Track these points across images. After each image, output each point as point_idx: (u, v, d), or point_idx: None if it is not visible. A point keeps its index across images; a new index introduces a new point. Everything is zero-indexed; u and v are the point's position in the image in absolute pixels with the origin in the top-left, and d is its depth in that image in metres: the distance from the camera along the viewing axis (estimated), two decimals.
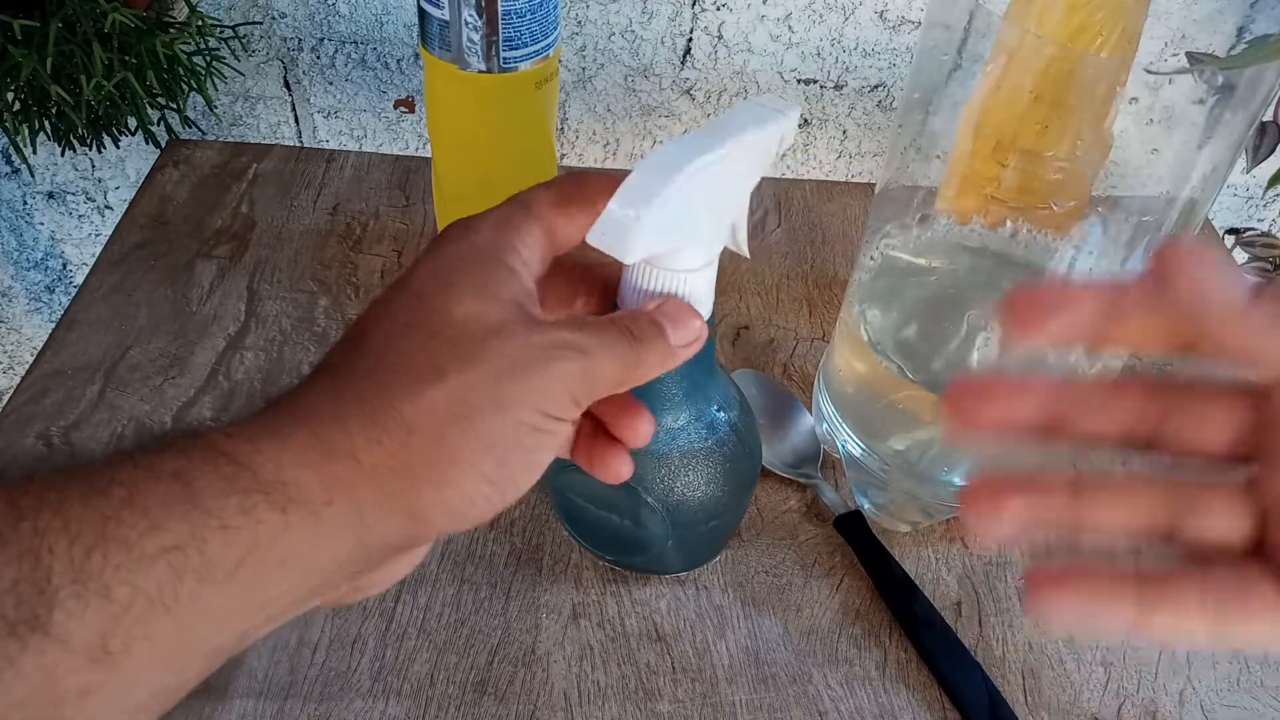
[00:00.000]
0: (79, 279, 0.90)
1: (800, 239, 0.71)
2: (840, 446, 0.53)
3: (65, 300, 0.91)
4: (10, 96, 0.62)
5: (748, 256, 0.34)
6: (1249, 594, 0.23)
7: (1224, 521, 0.24)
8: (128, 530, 0.22)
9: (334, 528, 0.25)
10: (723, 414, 0.43)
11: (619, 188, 0.29)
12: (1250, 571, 0.23)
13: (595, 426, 0.33)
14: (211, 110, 0.75)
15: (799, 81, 0.75)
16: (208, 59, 0.67)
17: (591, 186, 0.30)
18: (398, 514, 0.26)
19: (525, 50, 0.50)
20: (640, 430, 0.32)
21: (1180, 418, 0.25)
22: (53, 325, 0.60)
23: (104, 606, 0.22)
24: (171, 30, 0.64)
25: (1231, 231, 0.84)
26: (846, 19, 0.71)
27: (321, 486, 0.25)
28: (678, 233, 0.30)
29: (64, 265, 0.89)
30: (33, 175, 0.81)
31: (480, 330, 0.27)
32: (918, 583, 0.50)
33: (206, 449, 0.24)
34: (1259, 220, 0.86)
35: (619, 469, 0.32)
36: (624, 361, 0.29)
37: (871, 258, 0.50)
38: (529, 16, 0.49)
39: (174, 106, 0.69)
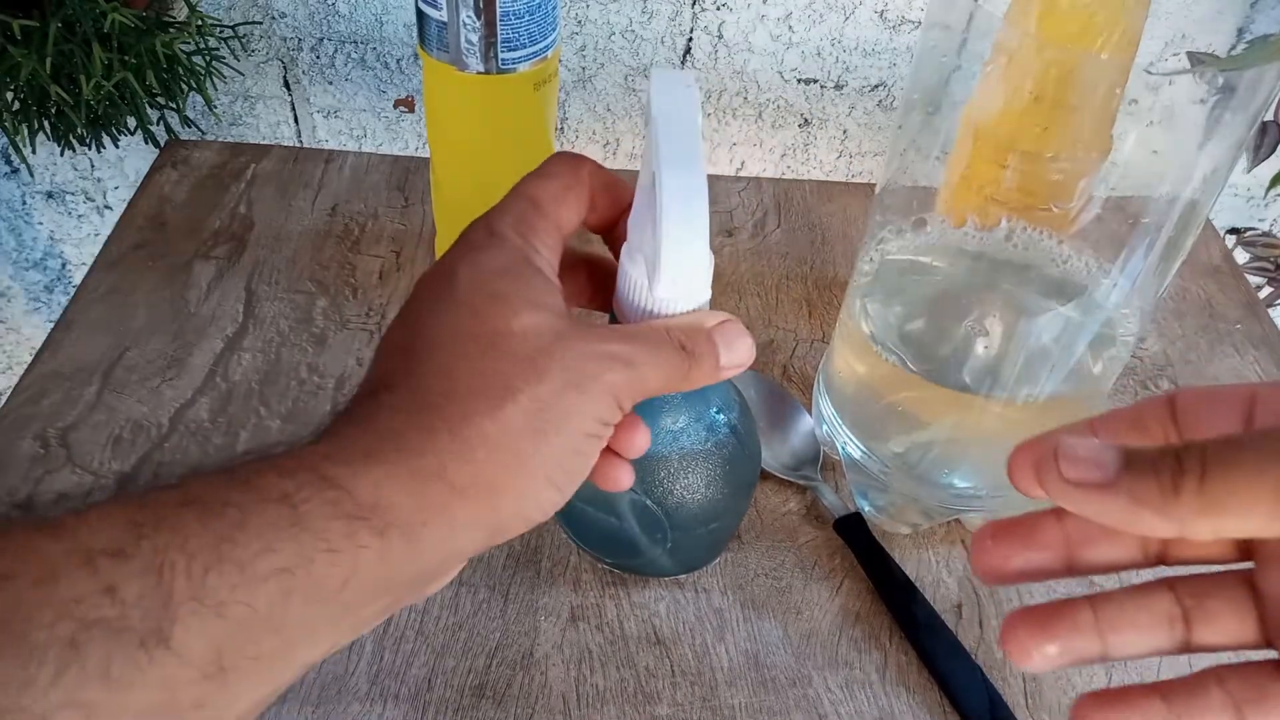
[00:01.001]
0: (78, 279, 0.90)
1: (800, 239, 0.70)
2: (840, 448, 0.53)
3: (64, 300, 0.91)
4: (10, 96, 0.62)
5: None
6: (1265, 697, 0.25)
7: (1232, 626, 0.26)
8: (241, 551, 0.23)
9: (427, 547, 0.26)
10: (722, 416, 0.43)
11: (663, 246, 0.30)
12: (1261, 675, 0.25)
13: None
14: (211, 110, 0.75)
15: (799, 81, 0.74)
16: (207, 59, 0.67)
17: (586, 174, 0.32)
18: (481, 529, 0.27)
19: (523, 51, 0.50)
20: (636, 443, 0.32)
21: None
22: (51, 325, 0.60)
23: (220, 625, 0.22)
24: (171, 30, 0.64)
25: (1232, 231, 0.84)
26: (847, 19, 0.71)
27: (417, 509, 0.26)
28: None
29: (63, 265, 0.89)
30: (32, 175, 0.81)
31: (539, 343, 0.28)
32: (918, 585, 0.50)
33: (308, 472, 0.25)
34: (1260, 220, 0.85)
35: (619, 477, 0.33)
36: (671, 373, 0.30)
37: (871, 259, 0.50)
38: (527, 18, 0.49)
39: (173, 106, 0.69)
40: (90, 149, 0.70)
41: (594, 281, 0.35)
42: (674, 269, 0.30)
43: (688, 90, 0.31)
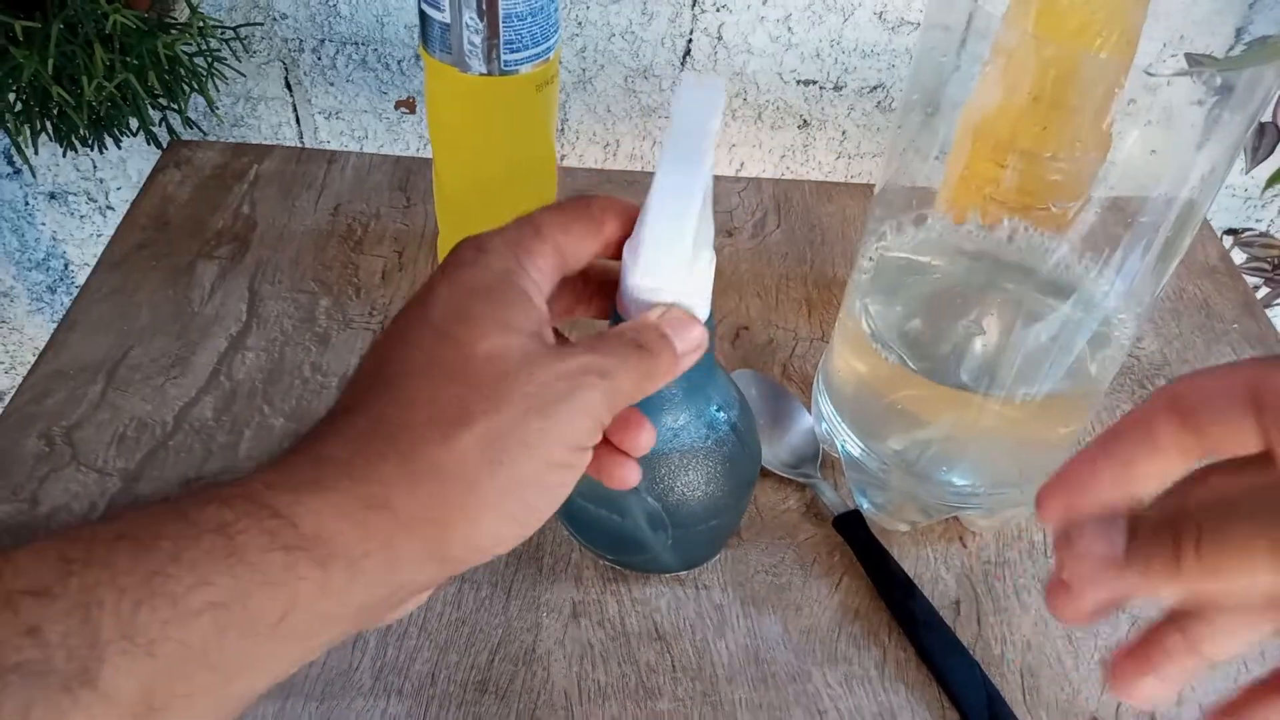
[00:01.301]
0: (81, 279, 0.90)
1: (799, 239, 0.71)
2: (839, 446, 0.53)
3: (67, 300, 0.92)
4: (12, 97, 0.62)
5: None
6: None
7: None
8: (174, 585, 0.22)
9: (370, 578, 0.25)
10: (722, 414, 0.43)
11: (646, 238, 0.30)
12: None
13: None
14: (213, 111, 0.75)
15: (798, 82, 0.75)
16: (209, 60, 0.67)
17: (596, 207, 0.32)
18: (430, 560, 0.27)
19: (526, 53, 0.50)
20: (641, 441, 0.32)
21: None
22: (55, 325, 0.60)
23: (150, 663, 0.22)
24: (173, 31, 0.64)
25: (1230, 232, 0.85)
26: (846, 20, 0.71)
27: (360, 539, 0.25)
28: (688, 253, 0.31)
29: (66, 265, 0.89)
30: (34, 176, 0.81)
31: (504, 368, 0.27)
32: (916, 582, 0.50)
33: (249, 501, 0.24)
34: (1257, 220, 0.86)
35: (626, 476, 0.33)
36: (639, 375, 0.30)
37: (870, 258, 0.50)
38: (529, 19, 0.49)
39: (175, 107, 0.69)
40: (92, 150, 0.70)
41: (590, 288, 0.35)
42: (652, 259, 0.30)
43: (713, 94, 0.31)
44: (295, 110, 0.77)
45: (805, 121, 0.77)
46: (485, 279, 0.29)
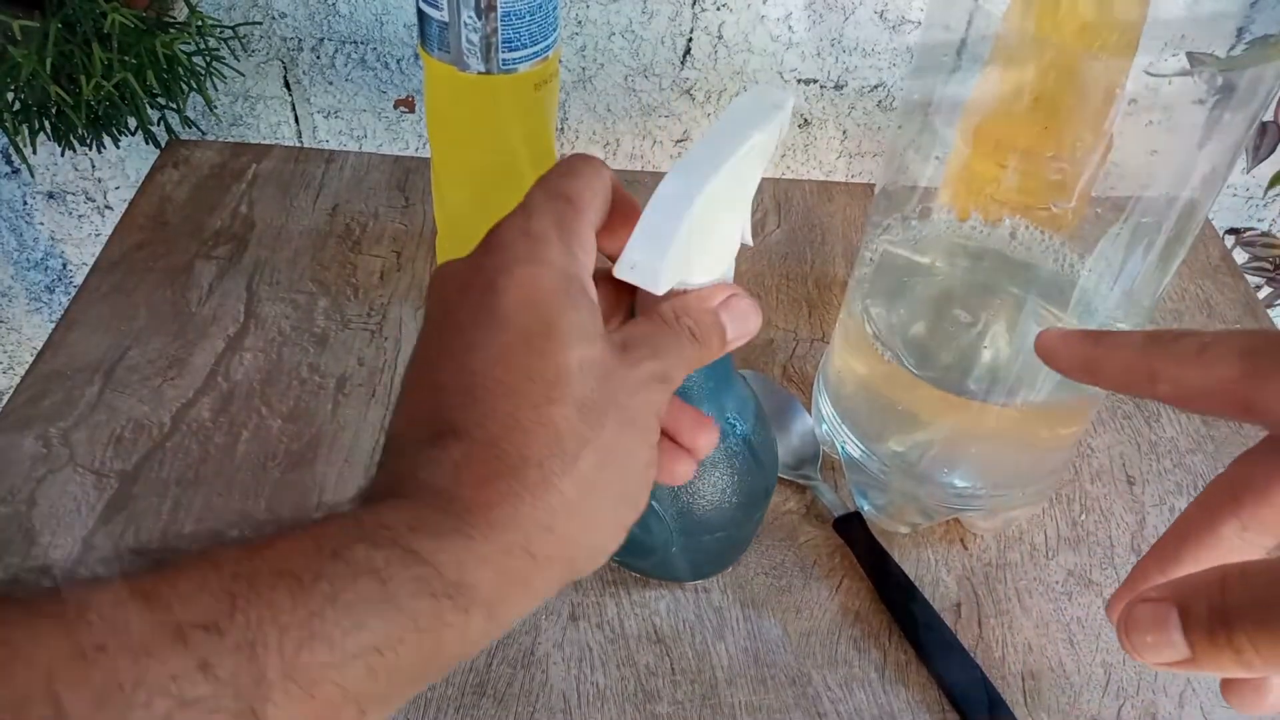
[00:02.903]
0: (79, 279, 0.90)
1: (800, 239, 0.71)
2: (840, 448, 0.53)
3: (65, 300, 0.91)
4: (10, 96, 0.62)
5: (750, 244, 0.35)
6: None
7: None
8: (332, 628, 0.22)
9: (505, 619, 0.27)
10: (736, 425, 0.42)
11: (636, 229, 0.29)
12: None
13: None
14: (211, 110, 0.75)
15: (799, 81, 0.75)
16: (207, 59, 0.67)
17: (608, 175, 0.31)
18: (554, 587, 0.28)
19: (524, 52, 0.50)
20: (701, 443, 0.33)
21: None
22: (52, 325, 0.60)
23: (308, 705, 0.22)
24: (171, 30, 0.64)
25: (1231, 232, 0.84)
26: (846, 19, 0.71)
27: (500, 584, 0.26)
28: (699, 251, 0.31)
29: (64, 265, 0.89)
30: (33, 175, 0.81)
31: (595, 384, 0.27)
32: (917, 584, 0.50)
33: (395, 545, 0.24)
34: (1259, 220, 0.85)
35: (679, 470, 0.33)
36: (689, 365, 0.31)
37: (871, 258, 0.50)
38: (528, 18, 0.49)
39: (174, 107, 0.69)
40: (91, 149, 0.70)
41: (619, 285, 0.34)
42: (635, 253, 0.29)
43: (768, 108, 0.31)
44: (294, 109, 0.76)
45: (806, 121, 0.77)
46: (549, 280, 0.28)
